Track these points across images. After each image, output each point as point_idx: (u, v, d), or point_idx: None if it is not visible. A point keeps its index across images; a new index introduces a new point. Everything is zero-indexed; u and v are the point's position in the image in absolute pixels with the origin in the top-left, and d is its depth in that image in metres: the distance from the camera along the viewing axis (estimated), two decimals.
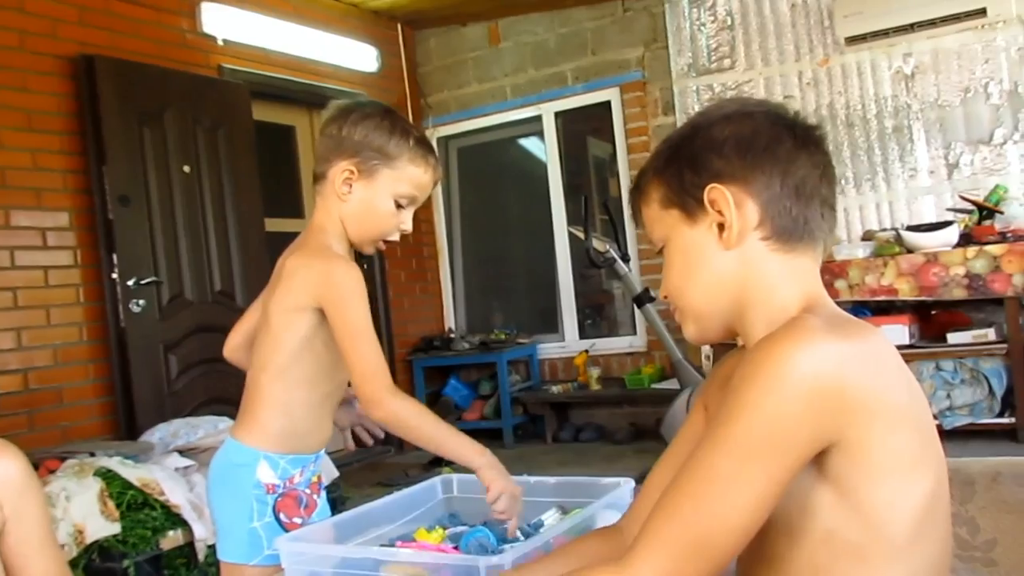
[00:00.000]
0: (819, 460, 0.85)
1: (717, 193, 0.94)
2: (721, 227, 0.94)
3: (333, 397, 1.57)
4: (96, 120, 3.92)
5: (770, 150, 0.94)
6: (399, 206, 1.52)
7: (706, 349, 4.86)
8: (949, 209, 4.59)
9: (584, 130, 6.06)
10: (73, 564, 2.69)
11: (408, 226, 1.55)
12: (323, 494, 1.62)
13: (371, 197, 1.50)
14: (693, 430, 1.10)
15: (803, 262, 0.96)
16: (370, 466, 5.12)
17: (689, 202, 0.96)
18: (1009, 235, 4.09)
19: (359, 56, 5.63)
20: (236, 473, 1.50)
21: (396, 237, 1.56)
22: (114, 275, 3.94)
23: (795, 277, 0.95)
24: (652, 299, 4.37)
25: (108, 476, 2.89)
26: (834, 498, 0.86)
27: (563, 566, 1.03)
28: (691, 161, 0.96)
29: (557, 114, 5.89)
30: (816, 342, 0.83)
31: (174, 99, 4.27)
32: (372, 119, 1.50)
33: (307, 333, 1.47)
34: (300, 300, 1.46)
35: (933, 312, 4.47)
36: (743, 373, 0.85)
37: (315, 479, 1.59)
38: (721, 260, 0.95)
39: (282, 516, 1.49)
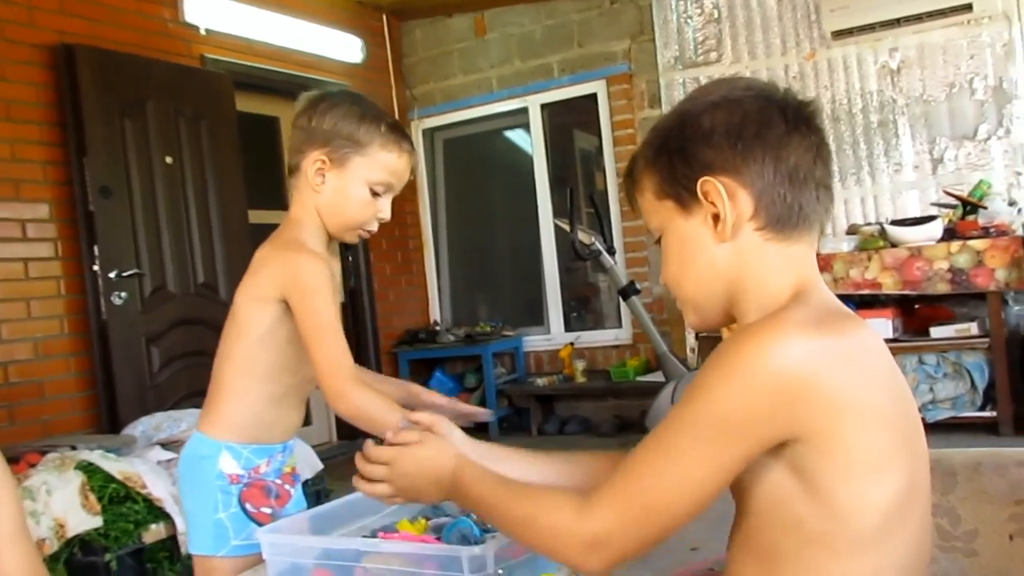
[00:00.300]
0: (788, 452, 0.86)
1: (710, 186, 0.93)
2: (716, 219, 0.94)
3: (298, 390, 1.55)
4: (76, 110, 3.87)
5: (760, 137, 0.92)
6: (375, 194, 1.50)
7: (691, 342, 4.88)
8: (933, 204, 4.62)
9: (570, 122, 6.05)
10: (54, 558, 2.66)
11: (386, 214, 1.53)
12: (298, 485, 1.60)
13: (344, 186, 1.48)
14: None
15: (798, 249, 0.95)
16: (354, 458, 5.09)
17: (683, 194, 0.95)
18: (992, 230, 4.11)
19: (344, 47, 5.59)
20: (200, 465, 1.49)
21: (374, 227, 1.54)
22: (95, 267, 3.90)
23: (789, 265, 0.95)
24: (637, 292, 4.36)
25: (90, 470, 2.86)
26: (802, 489, 0.86)
27: (557, 472, 1.16)
28: (681, 152, 0.95)
29: (543, 106, 5.88)
30: (789, 337, 0.84)
31: (156, 89, 4.23)
32: (341, 107, 1.49)
33: (271, 325, 1.46)
34: (265, 291, 1.45)
35: (916, 306, 4.50)
36: (716, 358, 0.87)
37: (287, 469, 1.57)
38: (717, 252, 0.95)
39: (248, 506, 1.48)
